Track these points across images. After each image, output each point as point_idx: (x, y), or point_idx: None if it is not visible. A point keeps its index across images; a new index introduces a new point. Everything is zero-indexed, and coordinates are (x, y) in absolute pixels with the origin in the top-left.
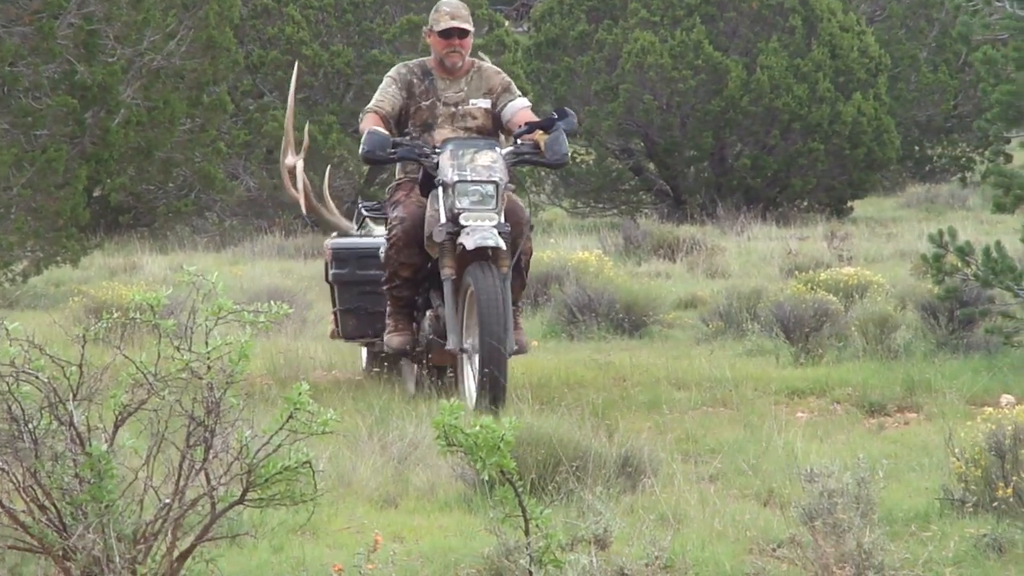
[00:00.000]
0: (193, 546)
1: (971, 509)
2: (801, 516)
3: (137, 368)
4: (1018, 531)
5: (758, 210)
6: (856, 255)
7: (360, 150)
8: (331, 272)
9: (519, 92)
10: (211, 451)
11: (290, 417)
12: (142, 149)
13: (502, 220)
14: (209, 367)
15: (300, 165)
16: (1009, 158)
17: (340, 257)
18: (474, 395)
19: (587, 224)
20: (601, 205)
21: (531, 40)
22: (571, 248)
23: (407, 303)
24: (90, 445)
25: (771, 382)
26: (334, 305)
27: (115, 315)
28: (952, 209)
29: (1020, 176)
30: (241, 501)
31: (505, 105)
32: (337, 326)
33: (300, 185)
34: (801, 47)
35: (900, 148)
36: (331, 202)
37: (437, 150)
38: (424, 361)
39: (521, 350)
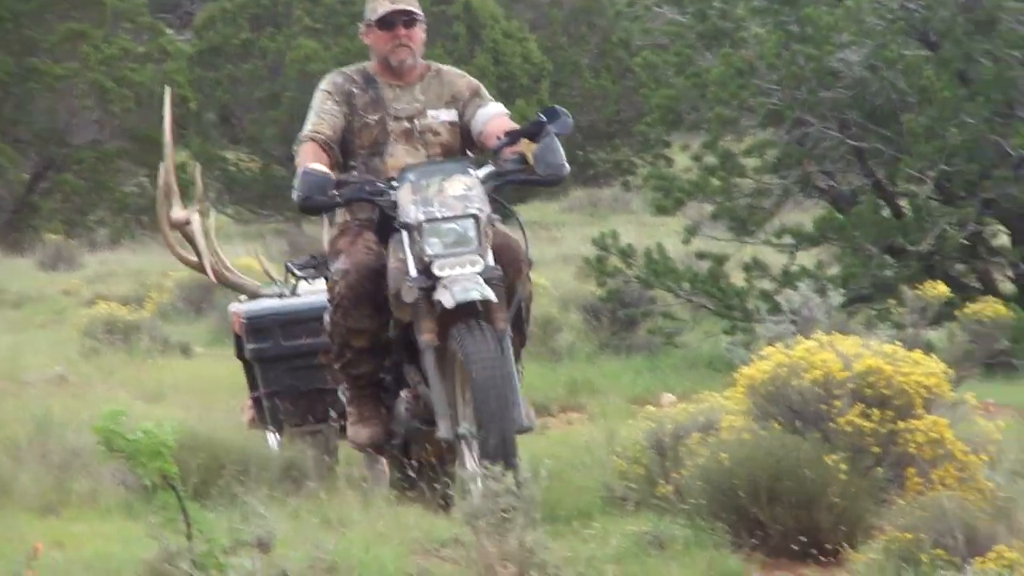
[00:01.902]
0: None
1: (633, 506)
2: (464, 516)
3: None
4: (678, 527)
5: None
6: None
7: (295, 196)
8: (248, 347)
9: (491, 97)
10: None
11: None
12: None
13: (490, 262)
14: None
15: (197, 219)
16: (669, 162)
17: (258, 327)
18: (477, 494)
19: (252, 231)
20: (266, 212)
21: (194, 48)
22: (236, 254)
23: (370, 381)
24: None
25: None
26: (254, 389)
27: None
28: (615, 212)
29: (679, 179)
30: None
31: (474, 114)
32: (262, 413)
33: (202, 244)
34: (464, 53)
35: None
36: (223, 256)
37: (394, 183)
38: (406, 457)
39: (529, 426)
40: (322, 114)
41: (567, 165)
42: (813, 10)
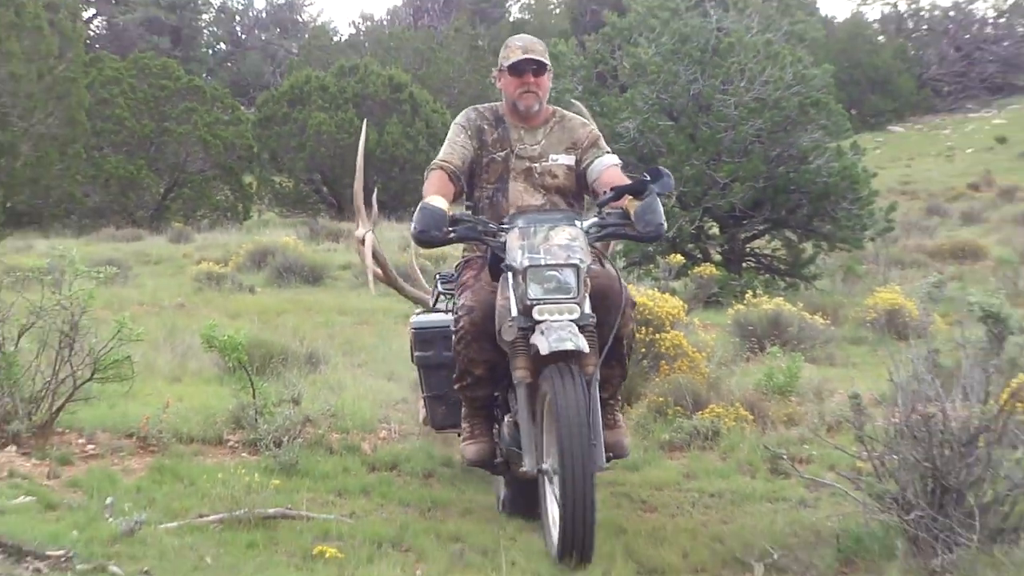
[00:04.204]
0: (64, 404)
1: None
2: (410, 385)
3: (31, 303)
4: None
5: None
6: None
7: (412, 230)
8: (416, 354)
9: (608, 148)
10: (72, 350)
11: (118, 331)
12: (34, 179)
13: (586, 309)
14: (71, 303)
15: (370, 237)
16: None
17: (424, 338)
18: (555, 534)
19: (288, 222)
20: (297, 211)
21: (255, 116)
22: (280, 236)
23: (485, 404)
24: (4, 348)
25: (392, 310)
26: (422, 391)
27: (19, 273)
28: None
29: None
30: (90, 379)
31: (591, 163)
32: (428, 414)
33: (368, 258)
34: (409, 120)
35: None
36: (419, 274)
37: (505, 226)
38: (506, 475)
39: (620, 454)
40: (454, 145)
41: (665, 224)
42: (608, 98)
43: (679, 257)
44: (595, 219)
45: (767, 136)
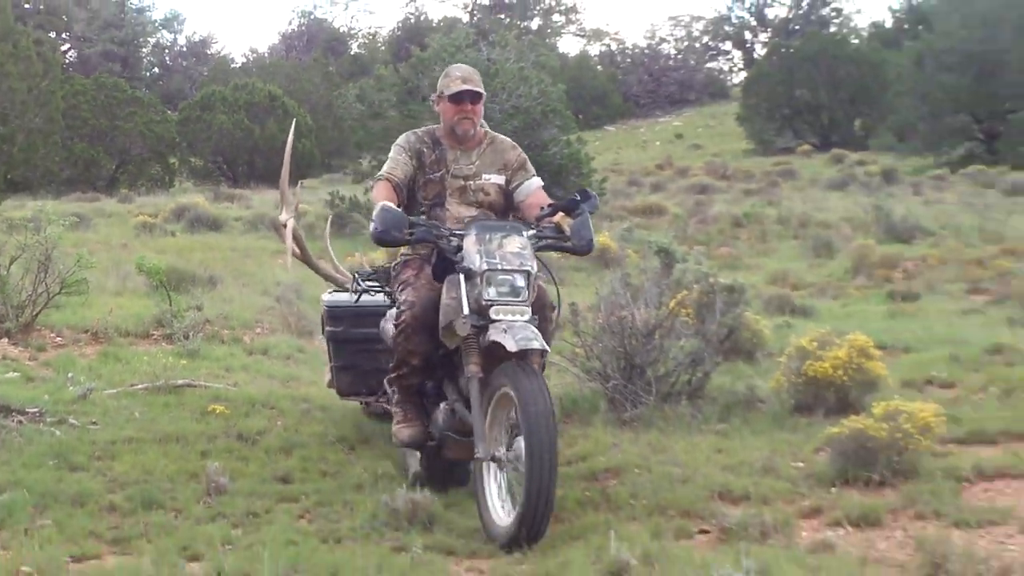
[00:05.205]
0: (41, 310)
1: None
2: (274, 297)
3: (19, 241)
4: None
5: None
6: None
7: (371, 229)
8: (326, 329)
9: (533, 171)
10: (47, 273)
11: (78, 261)
12: (26, 160)
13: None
14: (47, 241)
15: (291, 223)
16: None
17: (334, 315)
18: (503, 517)
19: (199, 189)
20: (206, 182)
21: (178, 118)
22: (193, 198)
23: (417, 391)
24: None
25: (267, 248)
26: (329, 360)
27: (12, 222)
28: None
29: None
30: (59, 293)
31: (520, 184)
32: (333, 380)
33: (289, 241)
34: (282, 121)
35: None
36: (332, 255)
37: (457, 232)
38: (438, 457)
39: None
40: (397, 162)
41: (595, 240)
42: (414, 106)
43: None
44: (533, 231)
45: (520, 132)
